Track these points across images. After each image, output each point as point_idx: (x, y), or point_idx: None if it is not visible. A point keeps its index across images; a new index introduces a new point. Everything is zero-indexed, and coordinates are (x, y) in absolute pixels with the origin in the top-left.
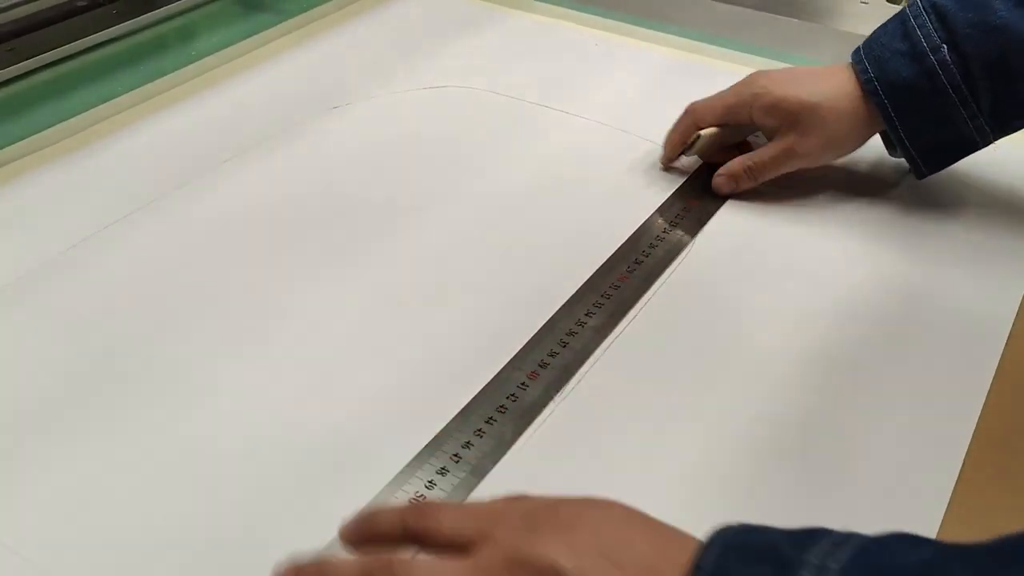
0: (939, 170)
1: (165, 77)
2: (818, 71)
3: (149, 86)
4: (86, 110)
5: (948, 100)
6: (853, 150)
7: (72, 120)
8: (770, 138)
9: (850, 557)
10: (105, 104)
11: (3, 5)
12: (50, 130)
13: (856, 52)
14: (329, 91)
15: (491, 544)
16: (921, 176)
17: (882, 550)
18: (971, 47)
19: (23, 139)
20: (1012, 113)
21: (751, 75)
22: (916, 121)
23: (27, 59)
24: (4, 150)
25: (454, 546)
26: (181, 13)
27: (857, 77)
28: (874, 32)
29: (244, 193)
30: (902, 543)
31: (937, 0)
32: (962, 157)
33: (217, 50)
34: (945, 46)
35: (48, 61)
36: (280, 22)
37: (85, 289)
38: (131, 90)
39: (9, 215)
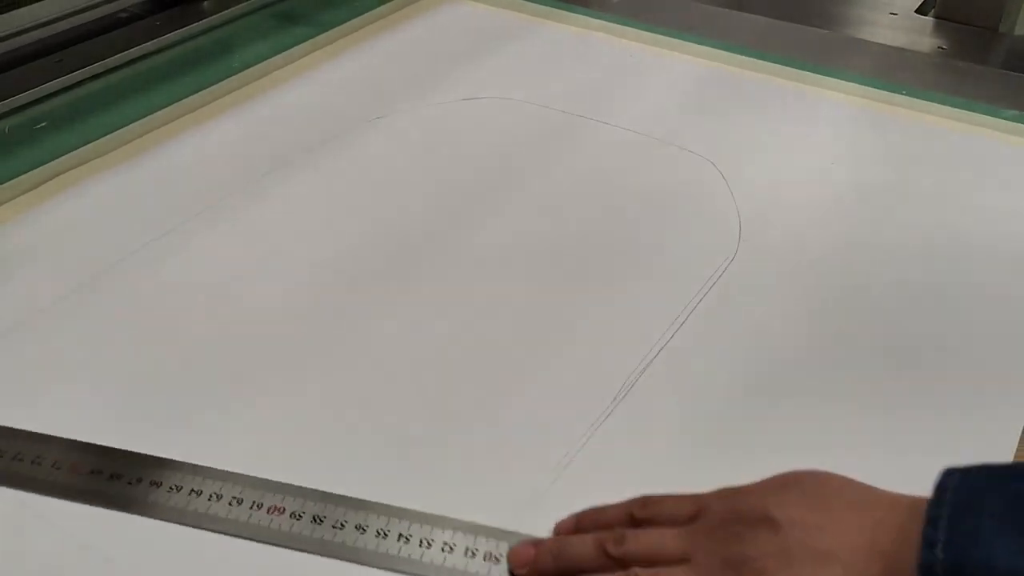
0: None
1: (208, 89)
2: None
3: (193, 98)
4: (132, 121)
5: None
6: None
7: (120, 131)
8: None
9: None
10: (151, 116)
11: (49, 18)
12: (99, 141)
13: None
14: (369, 103)
15: (708, 511)
16: None
17: None
18: None
19: (73, 150)
20: None
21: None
22: None
23: (74, 71)
24: (55, 162)
25: (673, 519)
26: (220, 25)
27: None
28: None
29: (288, 205)
30: None
31: None
32: None
33: (257, 62)
34: None
35: (94, 73)
36: (317, 35)
37: (139, 300)
38: (175, 102)
39: (60, 226)
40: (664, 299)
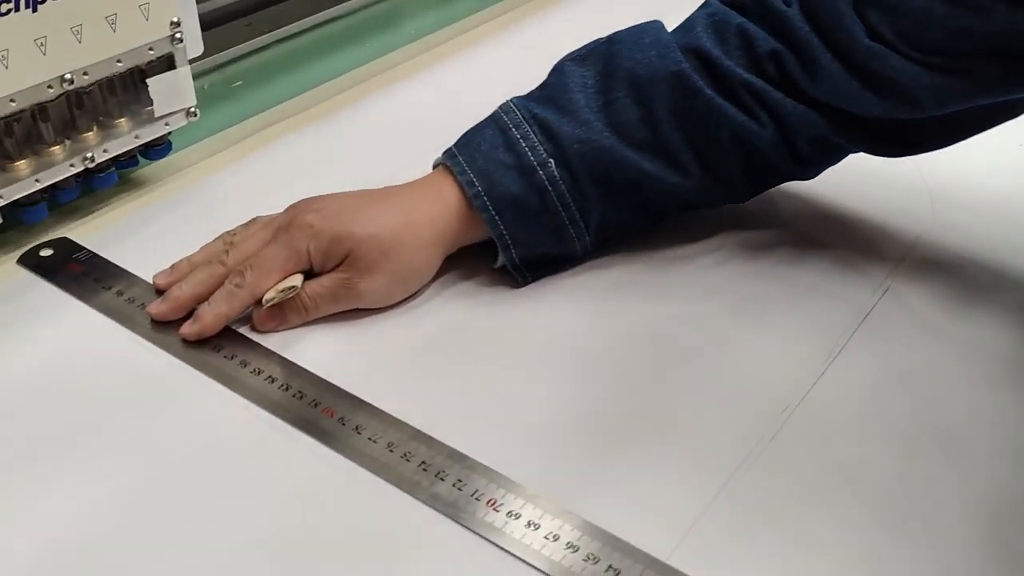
0: (538, 279)
1: (386, 56)
2: (395, 194)
3: (373, 63)
4: (320, 83)
5: (558, 217)
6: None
7: (309, 92)
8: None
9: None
10: (341, 77)
11: None
12: (291, 101)
13: (453, 159)
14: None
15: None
16: (523, 284)
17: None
18: (579, 163)
19: (268, 108)
20: (611, 232)
21: (296, 208)
22: (527, 236)
23: (263, 34)
24: (255, 117)
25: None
26: None
27: (462, 190)
28: (467, 137)
29: None
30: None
31: (537, 112)
32: (562, 271)
33: (432, 31)
34: (552, 160)
35: (280, 36)
36: (485, 7)
37: None
38: (357, 66)
39: (262, 177)
40: (866, 261)
